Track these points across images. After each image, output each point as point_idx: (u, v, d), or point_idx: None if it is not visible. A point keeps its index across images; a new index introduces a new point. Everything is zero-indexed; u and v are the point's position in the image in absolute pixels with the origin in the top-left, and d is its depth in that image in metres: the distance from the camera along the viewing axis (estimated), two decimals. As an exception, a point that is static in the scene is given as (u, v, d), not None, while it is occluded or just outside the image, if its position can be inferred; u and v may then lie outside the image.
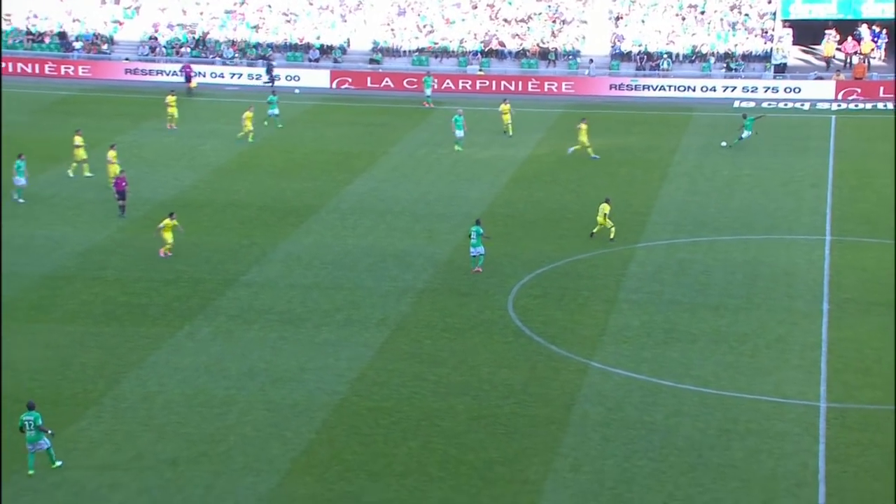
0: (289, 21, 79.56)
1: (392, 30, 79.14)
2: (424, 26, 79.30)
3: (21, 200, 50.75)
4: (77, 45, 76.66)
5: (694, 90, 73.83)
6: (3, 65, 74.25)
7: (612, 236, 45.85)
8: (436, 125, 65.69)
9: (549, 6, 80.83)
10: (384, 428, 32.21)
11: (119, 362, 35.98)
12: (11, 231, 46.97)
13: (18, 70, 74.82)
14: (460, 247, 44.71)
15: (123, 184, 48.58)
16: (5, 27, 76.87)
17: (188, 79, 72.63)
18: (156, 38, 77.99)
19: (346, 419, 32.72)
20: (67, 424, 32.13)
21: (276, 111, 63.61)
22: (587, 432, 31.95)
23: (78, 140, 54.06)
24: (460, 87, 73.79)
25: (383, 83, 74.37)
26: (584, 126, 58.24)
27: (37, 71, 74.98)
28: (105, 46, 77.24)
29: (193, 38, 78.20)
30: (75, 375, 35.08)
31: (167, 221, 43.59)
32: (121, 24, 79.02)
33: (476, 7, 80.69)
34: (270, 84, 72.82)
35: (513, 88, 73.45)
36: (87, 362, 35.98)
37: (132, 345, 37.24)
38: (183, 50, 77.29)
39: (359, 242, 46.90)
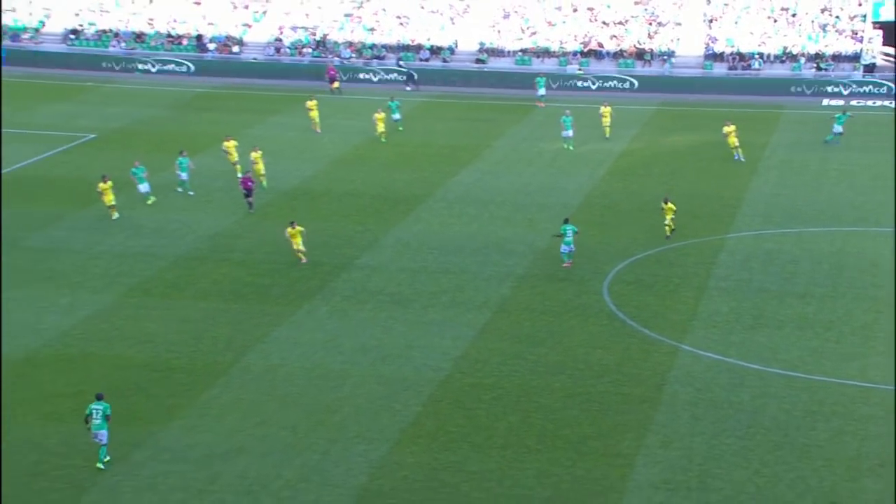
0: (402, 24, 79.83)
1: (497, 31, 78.96)
2: (528, 28, 78.97)
3: (191, 193, 50.75)
4: (211, 46, 77.84)
5: (784, 89, 72.53)
6: (149, 65, 75.61)
7: (668, 234, 44.98)
8: (537, 121, 65.41)
9: (646, 9, 79.98)
10: (486, 403, 32.22)
11: (245, 337, 36.49)
12: (150, 216, 47.86)
13: (157, 70, 76.09)
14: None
15: (250, 183, 48.80)
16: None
17: (332, 80, 72.90)
18: (280, 40, 78.84)
19: (450, 394, 32.79)
20: (200, 392, 32.74)
21: (398, 116, 63.10)
22: (677, 411, 31.62)
23: (229, 145, 53.51)
24: (564, 86, 73.33)
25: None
26: (731, 128, 56.61)
27: (174, 69, 76.18)
28: (235, 48, 78.29)
29: (315, 39, 78.87)
30: (207, 348, 35.68)
31: (290, 230, 42.55)
32: (250, 26, 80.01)
33: (576, 10, 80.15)
34: (410, 88, 72.88)
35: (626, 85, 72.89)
36: (218, 336, 36.55)
37: (257, 321, 37.72)
38: (305, 50, 77.97)
39: (463, 230, 46.92)
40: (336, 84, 72.33)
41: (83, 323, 37.17)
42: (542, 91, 69.22)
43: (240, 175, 50.38)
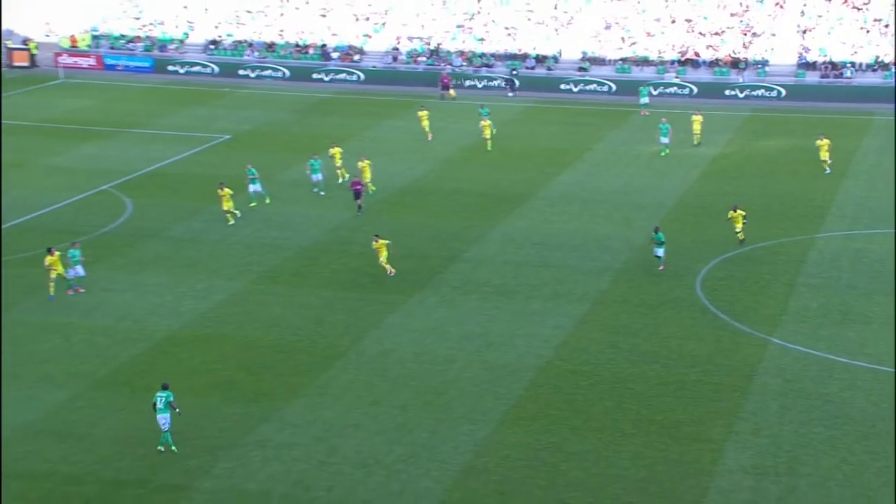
0: (509, 34, 79.69)
1: (599, 41, 78.34)
2: (628, 38, 78.22)
3: (322, 193, 50.71)
4: (334, 55, 78.69)
5: (875, 96, 70.64)
6: (281, 71, 76.67)
7: (741, 239, 43.53)
8: (635, 126, 64.73)
9: (742, 21, 78.56)
10: (583, 388, 32.12)
11: (361, 323, 36.87)
12: (277, 210, 48.52)
13: (282, 76, 77.13)
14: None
15: (359, 185, 48.54)
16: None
17: (446, 87, 73.07)
18: (397, 49, 79.34)
19: (550, 379, 32.76)
20: (320, 373, 33.22)
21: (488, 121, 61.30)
22: (766, 400, 31.13)
23: (335, 152, 52.94)
24: (663, 94, 72.46)
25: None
26: (824, 142, 54.30)
27: (300, 77, 77.14)
28: (357, 56, 79.03)
29: (429, 48, 79.20)
30: (326, 332, 36.14)
31: (375, 244, 41.12)
32: (370, 37, 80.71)
33: (674, 21, 79.07)
34: (512, 94, 72.86)
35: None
36: (336, 322, 36.99)
37: (372, 309, 38.09)
38: (420, 59, 78.36)
39: (564, 227, 46.72)
40: (451, 92, 72.40)
41: (218, 306, 37.97)
42: (644, 100, 68.39)
43: (342, 179, 50.78)
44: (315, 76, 76.30)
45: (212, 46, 79.46)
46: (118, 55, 77.81)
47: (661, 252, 41.06)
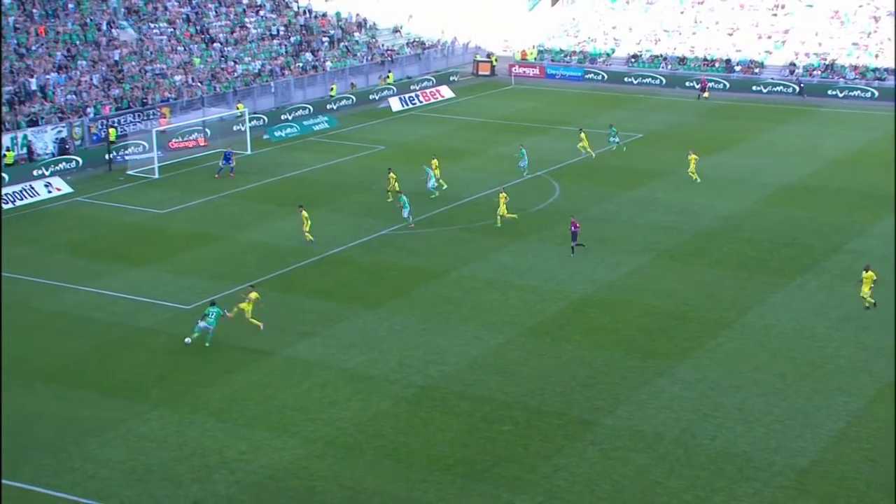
0: (902, 50, 72.59)
1: None
2: None
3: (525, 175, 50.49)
4: (737, 68, 75.80)
5: None
6: (690, 83, 75.20)
7: (866, 305, 34.80)
8: None
9: None
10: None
11: (747, 299, 35.48)
12: (678, 198, 47.63)
13: (688, 87, 75.35)
14: None
15: (576, 227, 40.04)
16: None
17: (703, 89, 70.96)
18: (794, 65, 74.90)
19: (924, 365, 29.74)
20: (708, 339, 32.40)
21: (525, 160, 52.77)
22: None
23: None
24: None
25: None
26: None
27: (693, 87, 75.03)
28: (756, 70, 75.58)
29: (824, 63, 74.02)
30: (715, 305, 35.13)
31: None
32: (770, 53, 76.86)
33: None
34: None
35: None
36: (724, 297, 35.86)
37: (757, 288, 36.55)
38: (814, 73, 73.47)
39: (947, 227, 42.04)
40: (707, 93, 70.16)
41: (624, 277, 38.08)
42: (615, 139, 56.27)
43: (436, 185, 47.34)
44: (754, 88, 73.80)
45: (632, 60, 79.32)
46: (557, 66, 79.80)
47: None
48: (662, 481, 24.61)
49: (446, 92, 72.79)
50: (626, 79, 76.08)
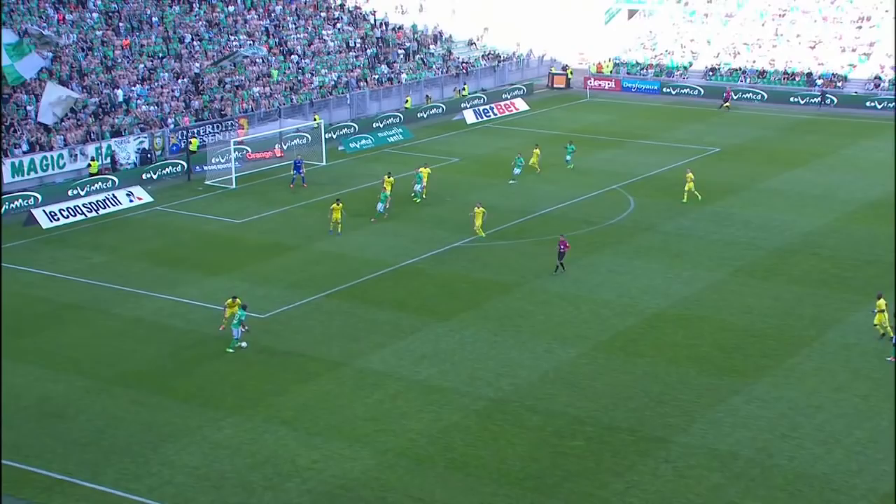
0: None
1: None
2: None
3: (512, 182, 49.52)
4: (818, 81, 74.28)
5: None
6: (760, 95, 73.96)
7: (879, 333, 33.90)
8: None
9: None
10: None
11: (827, 317, 34.70)
12: (756, 214, 46.78)
13: (760, 98, 73.97)
14: None
15: (562, 247, 38.72)
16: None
17: (726, 100, 70.46)
18: (879, 78, 73.06)
19: None
20: (786, 357, 31.76)
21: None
22: None
23: (424, 172, 49.20)
24: None
25: None
26: None
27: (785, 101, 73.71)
28: (839, 83, 73.92)
29: (909, 75, 72.19)
30: (794, 322, 34.46)
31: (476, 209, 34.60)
32: (854, 66, 75.12)
33: None
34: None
35: None
36: (803, 314, 35.14)
37: (837, 306, 35.74)
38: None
39: None
40: (728, 104, 69.89)
41: (699, 292, 37.54)
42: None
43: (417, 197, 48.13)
44: (792, 100, 72.40)
45: (710, 73, 78.27)
46: (633, 79, 79.19)
47: None
48: (738, 501, 24.15)
49: (521, 104, 72.80)
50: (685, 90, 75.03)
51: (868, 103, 70.32)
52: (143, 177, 53.06)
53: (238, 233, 45.50)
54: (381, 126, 64.92)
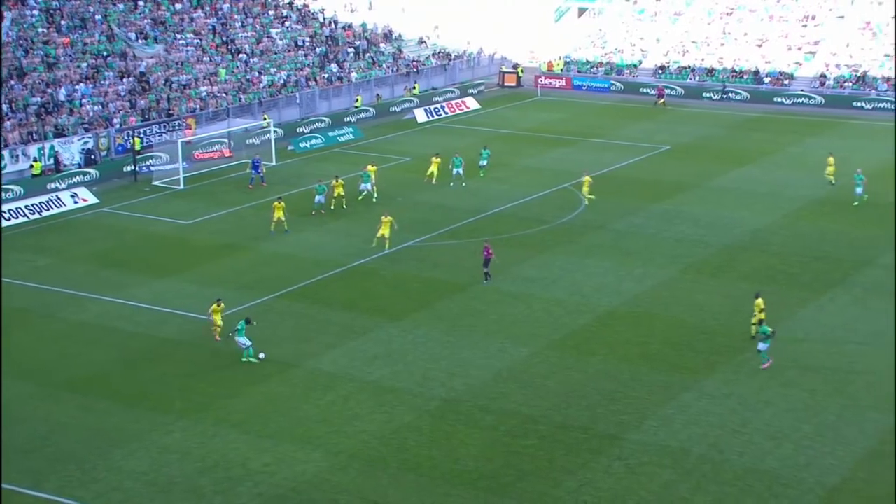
0: (935, 61, 71.93)
1: None
2: None
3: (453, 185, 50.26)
4: (766, 80, 75.46)
5: None
6: (711, 94, 74.92)
7: None
8: None
9: None
10: None
11: (775, 314, 34.76)
12: (705, 211, 47.37)
13: (719, 98, 75.01)
14: None
15: (486, 253, 38.37)
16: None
17: (660, 96, 72.00)
18: (825, 76, 74.43)
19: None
20: (736, 354, 32.19)
21: (460, 170, 52.02)
22: None
23: (371, 169, 49.27)
24: None
25: None
26: None
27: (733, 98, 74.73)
28: (786, 82, 75.16)
29: (855, 74, 73.51)
30: (743, 319, 34.51)
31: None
32: (800, 64, 76.41)
33: None
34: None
35: None
36: (752, 310, 35.17)
37: (785, 302, 36.25)
38: (846, 84, 72.95)
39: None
40: (663, 101, 71.39)
41: (650, 290, 37.91)
42: (483, 161, 53.13)
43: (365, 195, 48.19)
44: (704, 95, 73.52)
45: (660, 71, 79.12)
46: (583, 77, 79.77)
47: None
48: (689, 497, 24.44)
49: (472, 103, 72.94)
50: (642, 90, 75.85)
51: (806, 100, 71.60)
52: (87, 178, 52.22)
53: (187, 234, 44.98)
54: (354, 121, 64.88)
